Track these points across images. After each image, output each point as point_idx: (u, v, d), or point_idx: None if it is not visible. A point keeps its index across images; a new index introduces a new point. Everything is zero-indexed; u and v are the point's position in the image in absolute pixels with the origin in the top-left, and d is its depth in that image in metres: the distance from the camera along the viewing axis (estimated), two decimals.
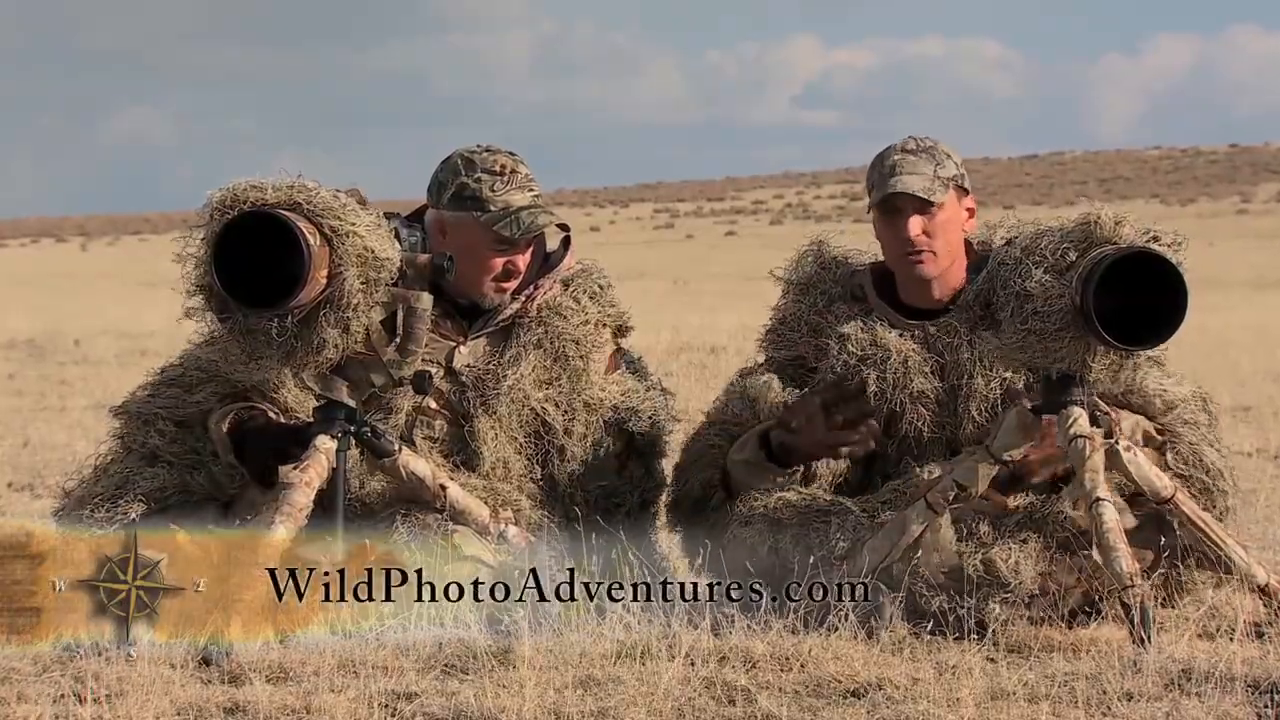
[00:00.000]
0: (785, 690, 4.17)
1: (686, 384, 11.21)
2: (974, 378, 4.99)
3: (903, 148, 5.06)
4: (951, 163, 5.05)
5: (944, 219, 5.02)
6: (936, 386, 5.02)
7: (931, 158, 5.03)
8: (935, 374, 5.02)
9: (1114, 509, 4.62)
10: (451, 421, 5.06)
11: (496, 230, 5.01)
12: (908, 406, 5.01)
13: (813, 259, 5.22)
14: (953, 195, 5.03)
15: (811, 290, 5.18)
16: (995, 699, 4.08)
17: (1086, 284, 4.56)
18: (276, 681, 4.26)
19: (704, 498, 5.11)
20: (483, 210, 5.03)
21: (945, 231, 5.02)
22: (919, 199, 4.97)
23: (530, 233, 5.03)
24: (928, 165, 5.02)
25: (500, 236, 5.02)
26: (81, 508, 4.90)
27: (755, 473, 4.98)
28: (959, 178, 5.05)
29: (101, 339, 18.11)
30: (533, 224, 5.02)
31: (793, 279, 5.22)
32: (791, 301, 5.20)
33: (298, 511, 4.63)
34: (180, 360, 5.05)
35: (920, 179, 4.99)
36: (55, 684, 4.20)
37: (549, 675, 4.20)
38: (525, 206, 5.03)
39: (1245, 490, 5.11)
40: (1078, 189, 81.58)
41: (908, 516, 4.75)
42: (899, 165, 5.02)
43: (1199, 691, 4.09)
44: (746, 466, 5.00)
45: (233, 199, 4.60)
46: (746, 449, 5.00)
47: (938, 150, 5.05)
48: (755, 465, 4.99)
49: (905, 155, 5.04)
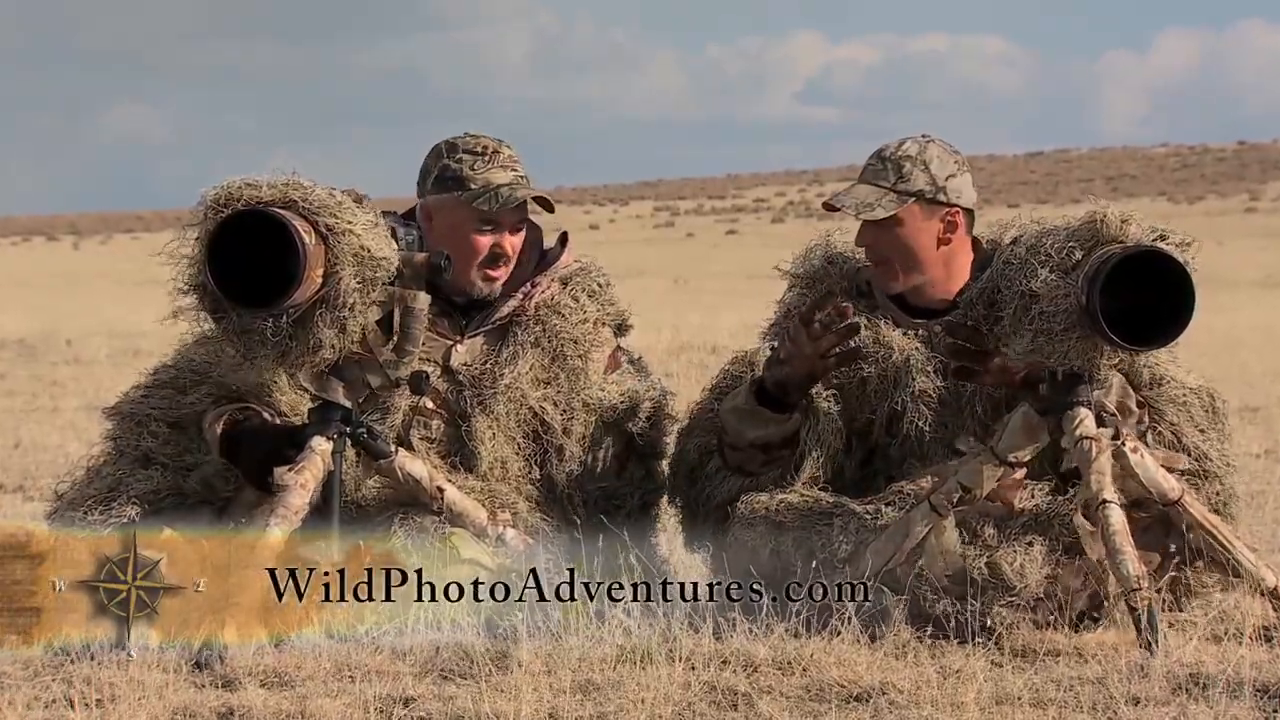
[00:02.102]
0: (787, 695, 4.15)
1: (687, 384, 11.18)
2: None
3: (879, 153, 5.06)
4: (925, 175, 4.99)
5: (905, 232, 4.99)
6: (939, 386, 4.99)
7: (897, 170, 5.00)
8: (938, 373, 4.99)
9: (1120, 511, 4.58)
10: (448, 421, 5.03)
11: (475, 206, 4.98)
12: (909, 406, 4.98)
13: (820, 254, 5.21)
14: (915, 209, 4.98)
15: (818, 285, 5.16)
16: (1000, 704, 4.05)
17: (1093, 283, 4.52)
18: (271, 686, 4.23)
19: (699, 464, 5.08)
20: (463, 189, 5.01)
21: (909, 243, 4.98)
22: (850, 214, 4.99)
23: (508, 204, 4.98)
24: (889, 177, 4.99)
25: (480, 213, 4.98)
26: (74, 510, 4.88)
27: (746, 418, 4.94)
28: (929, 191, 4.99)
29: (94, 339, 18.10)
30: (511, 196, 4.99)
31: (799, 273, 5.20)
32: (798, 295, 5.19)
33: (293, 514, 4.60)
34: (173, 361, 5.04)
35: (868, 190, 4.99)
36: (46, 689, 4.17)
37: (547, 680, 4.17)
38: (505, 183, 5.00)
39: (1254, 492, 5.08)
40: (1083, 187, 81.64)
41: (912, 518, 4.72)
42: (864, 172, 5.05)
43: (1207, 696, 4.06)
44: (737, 413, 4.96)
45: (227, 197, 4.58)
46: (738, 397, 4.98)
47: (916, 160, 5.01)
48: (746, 411, 4.94)
49: (871, 164, 5.05)
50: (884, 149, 5.05)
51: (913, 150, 5.02)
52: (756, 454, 4.97)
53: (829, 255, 5.20)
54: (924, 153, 5.02)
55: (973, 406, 4.97)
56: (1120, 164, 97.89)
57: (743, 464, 4.99)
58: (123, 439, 4.96)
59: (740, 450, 4.98)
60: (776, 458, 4.96)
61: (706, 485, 5.04)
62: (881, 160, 5.03)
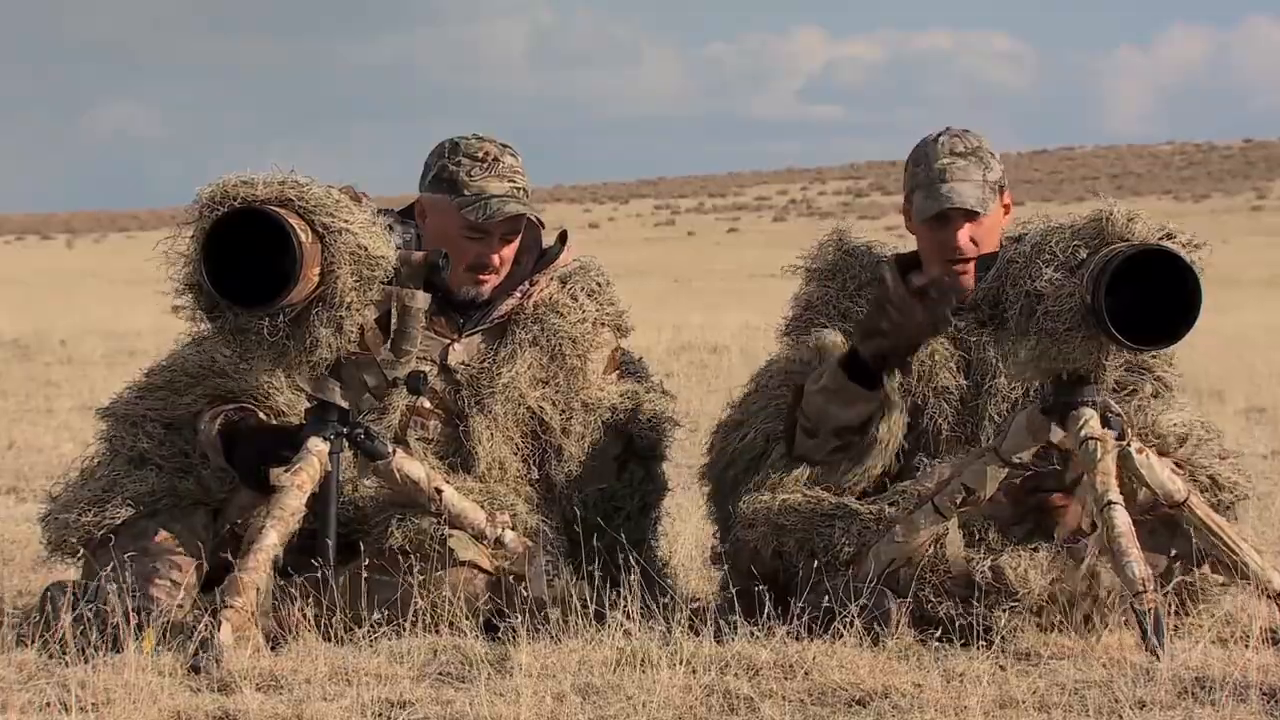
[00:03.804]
0: (789, 698, 4.12)
1: (688, 385, 11.20)
2: (997, 376, 4.91)
3: (951, 150, 4.92)
4: (996, 164, 4.95)
5: (989, 224, 4.93)
6: (962, 384, 4.94)
7: (980, 161, 4.91)
8: (961, 371, 4.94)
9: (1125, 513, 4.55)
10: (446, 422, 5.00)
11: (463, 214, 4.94)
12: (931, 401, 4.93)
13: (834, 247, 5.13)
14: (996, 200, 4.94)
15: (838, 275, 5.08)
16: (1004, 707, 4.03)
17: (1098, 282, 4.49)
18: (267, 690, 4.21)
19: (764, 452, 4.96)
20: (456, 193, 4.97)
21: (989, 236, 4.93)
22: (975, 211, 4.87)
23: (494, 218, 4.94)
24: (978, 171, 4.91)
25: (467, 222, 4.94)
26: (68, 511, 4.85)
27: (834, 398, 4.80)
28: (1001, 179, 4.96)
29: (88, 339, 18.10)
30: (499, 210, 4.95)
31: (815, 267, 5.13)
32: (817, 287, 5.10)
33: (289, 515, 4.58)
34: (168, 362, 5.01)
35: (973, 188, 4.88)
36: (41, 692, 4.14)
37: (547, 683, 4.14)
38: (499, 194, 4.96)
39: (1260, 494, 5.07)
40: (1088, 185, 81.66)
41: (915, 520, 4.68)
42: (948, 171, 4.89)
43: (1213, 700, 4.03)
44: (825, 394, 4.81)
45: (223, 195, 4.56)
46: (824, 377, 4.82)
47: (983, 151, 4.93)
48: (834, 390, 4.79)
49: (955, 159, 4.90)
50: (952, 143, 4.91)
51: (976, 141, 4.94)
52: (831, 439, 4.84)
53: (845, 248, 5.11)
54: (983, 141, 4.96)
55: (990, 409, 4.92)
56: (1125, 161, 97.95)
57: (810, 453, 4.87)
58: (117, 440, 4.93)
59: (817, 437, 4.86)
60: (848, 443, 4.85)
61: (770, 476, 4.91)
62: (963, 155, 4.90)
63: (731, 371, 11.33)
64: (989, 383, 4.93)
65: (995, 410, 4.92)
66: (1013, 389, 4.91)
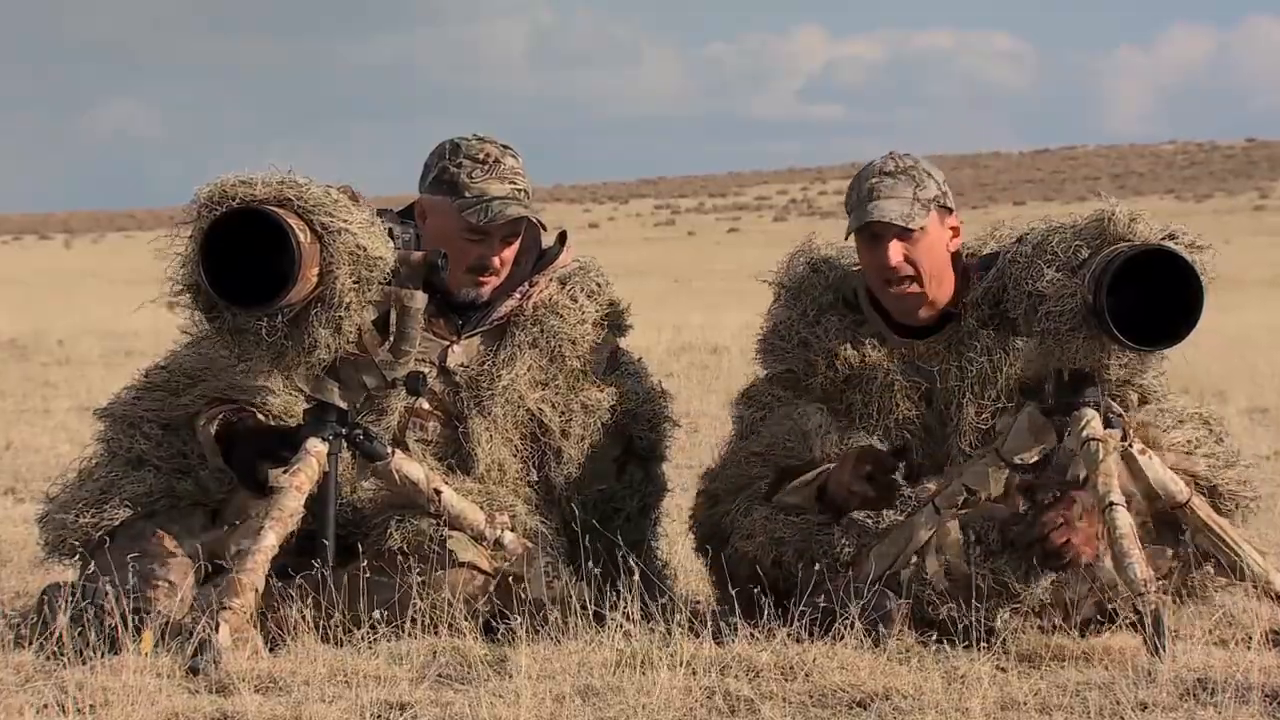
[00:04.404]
0: (789, 700, 4.11)
1: (688, 385, 11.19)
2: (963, 406, 4.87)
3: (881, 169, 4.90)
4: (933, 182, 4.91)
5: (926, 243, 4.89)
6: (923, 412, 4.90)
7: (911, 179, 4.89)
8: (922, 399, 4.91)
9: (1127, 513, 4.54)
10: (445, 423, 4.99)
11: (464, 216, 4.92)
12: (893, 431, 4.90)
13: (804, 260, 5.11)
14: (934, 217, 4.90)
15: (803, 297, 5.05)
16: (1005, 709, 4.03)
17: (1099, 282, 4.48)
18: (266, 691, 4.20)
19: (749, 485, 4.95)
20: (456, 195, 4.95)
21: (928, 255, 4.88)
22: (898, 225, 4.84)
23: (495, 221, 4.92)
24: (906, 188, 4.88)
25: (468, 224, 4.92)
26: (65, 512, 4.85)
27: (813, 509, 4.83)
28: (940, 197, 4.92)
29: (86, 339, 18.12)
30: (500, 213, 4.93)
31: (785, 283, 5.11)
32: (782, 308, 5.08)
33: (287, 516, 4.57)
34: (166, 362, 5.01)
35: (898, 204, 4.85)
36: (39, 694, 4.14)
37: (546, 685, 4.14)
38: (500, 196, 4.94)
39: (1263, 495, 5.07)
40: (1090, 185, 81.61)
41: (915, 521, 4.68)
42: (876, 189, 4.87)
43: (1215, 701, 4.03)
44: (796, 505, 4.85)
45: (221, 195, 4.54)
46: (800, 494, 4.85)
47: (918, 170, 4.90)
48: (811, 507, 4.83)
49: (883, 178, 4.89)
50: (883, 165, 4.89)
51: (910, 161, 4.93)
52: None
53: (813, 262, 5.08)
54: (919, 162, 4.94)
55: (956, 438, 4.88)
56: (1127, 161, 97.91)
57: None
58: (115, 441, 4.92)
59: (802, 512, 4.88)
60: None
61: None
62: (892, 174, 4.88)
63: (731, 372, 11.32)
64: (954, 413, 4.88)
65: (962, 440, 4.87)
66: (981, 419, 4.87)
